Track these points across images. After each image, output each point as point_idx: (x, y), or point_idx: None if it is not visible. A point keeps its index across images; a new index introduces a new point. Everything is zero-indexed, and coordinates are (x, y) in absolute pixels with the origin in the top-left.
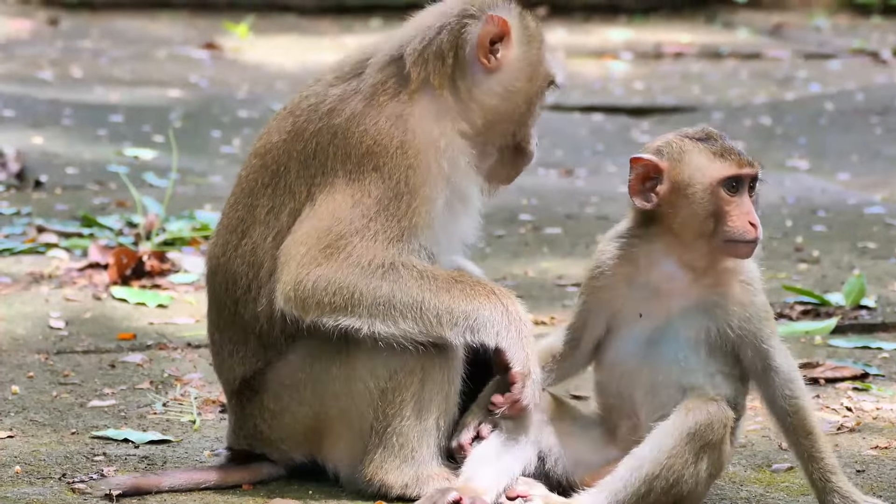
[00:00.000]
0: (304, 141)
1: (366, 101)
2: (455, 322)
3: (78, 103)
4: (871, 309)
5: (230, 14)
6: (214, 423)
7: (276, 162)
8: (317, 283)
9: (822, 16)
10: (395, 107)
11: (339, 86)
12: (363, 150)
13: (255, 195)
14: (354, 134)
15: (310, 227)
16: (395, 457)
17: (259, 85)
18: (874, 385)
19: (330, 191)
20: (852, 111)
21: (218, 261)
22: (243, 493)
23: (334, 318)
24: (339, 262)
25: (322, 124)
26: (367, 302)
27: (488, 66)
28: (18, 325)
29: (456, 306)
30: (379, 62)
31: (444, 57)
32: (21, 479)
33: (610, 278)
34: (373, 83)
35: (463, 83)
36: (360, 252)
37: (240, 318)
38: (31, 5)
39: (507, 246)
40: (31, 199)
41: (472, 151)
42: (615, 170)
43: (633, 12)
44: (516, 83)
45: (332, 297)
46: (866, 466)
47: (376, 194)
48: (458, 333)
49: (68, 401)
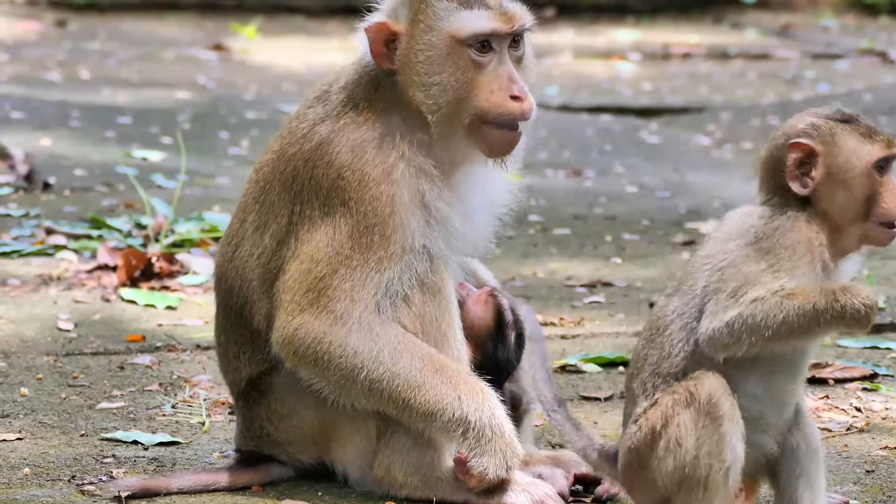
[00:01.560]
0: (285, 162)
1: (331, 126)
2: (424, 414)
3: (86, 105)
4: (880, 309)
5: (238, 15)
6: (223, 424)
7: (264, 179)
8: (296, 333)
9: (829, 16)
10: (355, 135)
11: (315, 107)
12: (330, 184)
13: (247, 210)
14: (321, 165)
15: (294, 271)
16: (404, 460)
17: (267, 86)
18: (883, 385)
19: (309, 227)
20: (860, 111)
21: (220, 268)
22: (253, 494)
23: (315, 375)
24: (318, 312)
25: (298, 148)
26: (334, 363)
27: (394, 67)
28: (27, 327)
29: (426, 396)
30: (340, 86)
31: (369, 75)
32: (30, 481)
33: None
34: (336, 111)
35: (393, 94)
36: (338, 296)
37: (245, 321)
38: (39, 7)
39: (515, 246)
40: (39, 201)
41: (443, 152)
42: (623, 170)
43: (640, 13)
44: (428, 71)
45: (307, 350)
46: (876, 467)
47: (347, 229)
48: (426, 426)
49: (77, 403)
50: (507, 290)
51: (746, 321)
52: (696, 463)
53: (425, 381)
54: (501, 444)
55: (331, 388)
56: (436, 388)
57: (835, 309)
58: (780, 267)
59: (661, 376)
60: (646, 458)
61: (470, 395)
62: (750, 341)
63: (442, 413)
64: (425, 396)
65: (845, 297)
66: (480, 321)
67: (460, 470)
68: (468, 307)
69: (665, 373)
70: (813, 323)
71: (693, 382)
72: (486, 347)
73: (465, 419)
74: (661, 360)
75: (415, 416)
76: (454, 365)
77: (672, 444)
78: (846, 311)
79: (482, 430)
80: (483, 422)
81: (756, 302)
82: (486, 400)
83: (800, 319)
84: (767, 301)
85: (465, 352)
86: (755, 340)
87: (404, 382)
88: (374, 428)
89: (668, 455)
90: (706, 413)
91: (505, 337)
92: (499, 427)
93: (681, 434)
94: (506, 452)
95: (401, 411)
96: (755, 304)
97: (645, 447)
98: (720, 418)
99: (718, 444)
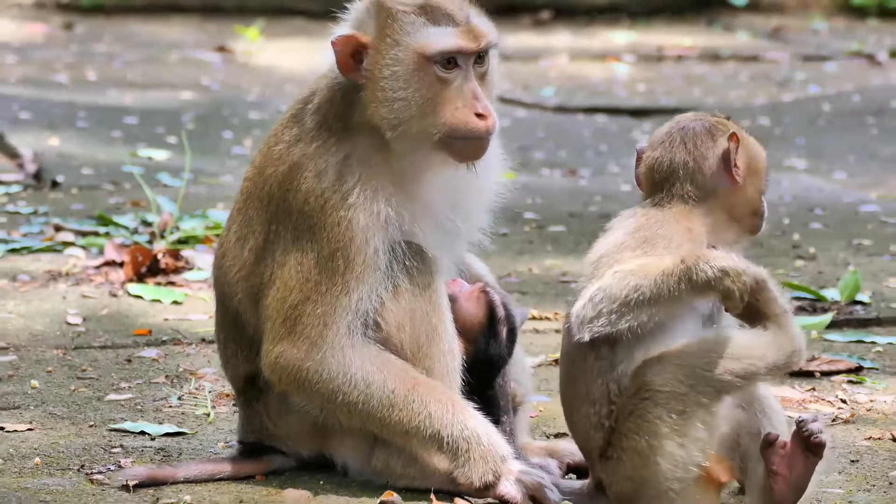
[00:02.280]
0: (263, 181)
1: (302, 151)
2: (401, 433)
3: (93, 106)
4: (865, 304)
5: (241, 18)
6: (228, 415)
7: (246, 191)
8: (278, 360)
9: (819, 19)
10: (321, 160)
11: (291, 128)
12: (298, 209)
13: (232, 218)
14: (292, 189)
15: (271, 298)
16: (400, 452)
17: (269, 87)
18: (868, 378)
19: (282, 250)
20: (849, 112)
21: (215, 270)
22: (256, 483)
23: (293, 397)
24: (295, 340)
25: (273, 170)
26: (314, 388)
27: (361, 79)
28: (37, 322)
29: (400, 416)
30: (315, 106)
31: (342, 92)
32: (41, 471)
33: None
34: (310, 133)
35: (356, 114)
36: (311, 322)
37: (239, 325)
38: (47, 10)
39: (511, 244)
40: (48, 199)
41: (408, 164)
42: (618, 170)
43: (635, 16)
44: (393, 86)
45: (289, 377)
46: (860, 457)
47: (314, 255)
48: (406, 444)
49: (86, 395)
50: (503, 286)
51: (605, 291)
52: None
53: (396, 401)
54: (480, 451)
55: (317, 411)
56: (407, 408)
57: (681, 270)
58: (654, 253)
59: (599, 403)
60: (650, 469)
61: (440, 411)
62: (609, 312)
63: (416, 431)
64: (399, 416)
65: (695, 261)
66: (473, 317)
67: (451, 484)
68: (461, 304)
69: (601, 397)
70: (663, 287)
71: (641, 389)
72: (478, 343)
73: (438, 435)
74: (590, 386)
75: (394, 435)
76: (426, 380)
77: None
78: (693, 274)
79: (456, 444)
80: (455, 435)
81: (615, 274)
82: (457, 413)
83: (651, 284)
84: (624, 271)
85: (457, 346)
86: (614, 310)
87: (378, 403)
88: None
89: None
90: (677, 394)
91: (497, 333)
92: (473, 437)
93: (674, 431)
94: (486, 458)
95: (381, 430)
96: (613, 276)
97: (641, 465)
98: (676, 356)
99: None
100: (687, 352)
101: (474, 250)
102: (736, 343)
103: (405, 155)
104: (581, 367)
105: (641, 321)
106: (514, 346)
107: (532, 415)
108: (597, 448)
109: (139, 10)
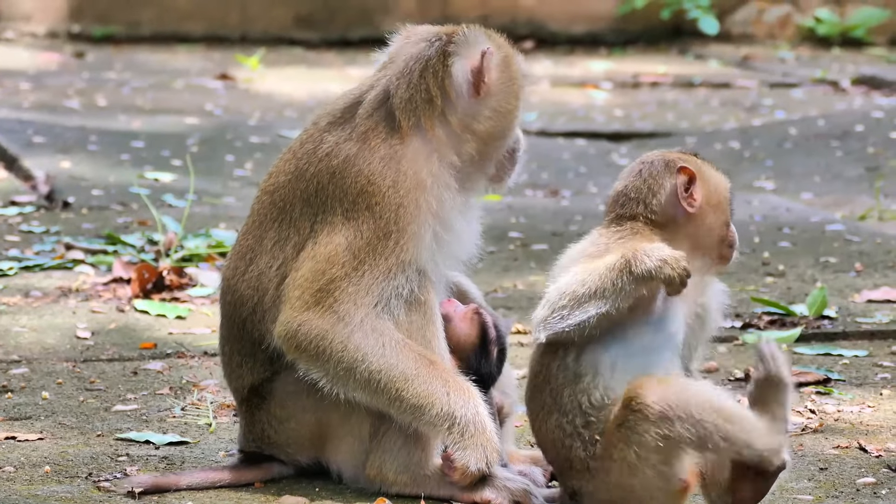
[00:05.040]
0: (305, 181)
1: (359, 145)
2: (415, 407)
3: (103, 130)
4: (832, 319)
5: (242, 47)
6: (229, 425)
7: (283, 200)
8: (300, 328)
9: (786, 48)
10: (388, 149)
11: (333, 132)
12: (358, 189)
13: (264, 228)
14: (350, 174)
15: (307, 270)
16: (394, 459)
17: (269, 113)
18: (836, 389)
19: (329, 231)
20: (814, 136)
21: (229, 282)
22: (255, 490)
23: (306, 365)
24: (322, 311)
25: (321, 166)
26: (335, 358)
27: (479, 97)
28: (48, 336)
29: (418, 390)
30: (368, 108)
31: (431, 99)
32: (50, 478)
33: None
34: (364, 130)
35: (454, 117)
36: (343, 298)
37: (247, 333)
38: (59, 40)
39: (497, 261)
40: (59, 219)
41: (463, 179)
42: (597, 190)
43: (612, 45)
44: (505, 104)
45: (309, 345)
46: (829, 465)
47: (367, 235)
48: (414, 420)
49: (94, 405)
50: (489, 302)
51: (557, 290)
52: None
53: (419, 374)
54: (483, 439)
55: (328, 380)
56: (427, 384)
57: (622, 263)
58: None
59: (570, 413)
60: (639, 478)
61: (457, 393)
62: (560, 307)
63: (431, 407)
64: (417, 390)
65: (635, 253)
66: (466, 337)
67: (445, 465)
68: (455, 324)
69: (572, 408)
70: (607, 280)
71: (633, 401)
72: (470, 361)
73: (452, 414)
74: (556, 397)
75: (405, 410)
76: (444, 364)
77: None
78: (633, 266)
79: (466, 426)
80: (468, 418)
81: (566, 274)
82: (472, 398)
83: (596, 278)
84: (573, 270)
85: (447, 357)
86: (564, 304)
87: (400, 375)
88: (367, 430)
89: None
90: (668, 408)
91: (489, 352)
92: (481, 424)
93: (669, 437)
94: (486, 448)
95: (392, 403)
96: (565, 276)
97: (629, 474)
98: (675, 392)
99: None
100: (689, 385)
101: (462, 269)
102: (735, 407)
103: (472, 171)
104: (545, 377)
105: (591, 316)
106: (503, 365)
107: (517, 424)
108: (576, 458)
109: (147, 40)
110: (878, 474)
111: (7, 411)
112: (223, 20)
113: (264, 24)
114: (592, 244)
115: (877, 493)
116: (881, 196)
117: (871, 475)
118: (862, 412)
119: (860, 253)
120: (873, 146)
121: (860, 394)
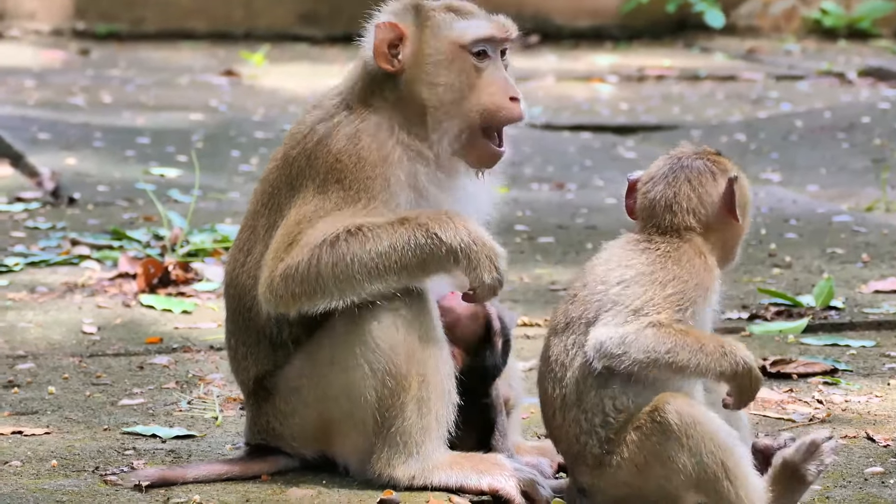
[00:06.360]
0: (289, 165)
1: (327, 124)
2: (419, 266)
3: (107, 127)
4: (839, 309)
5: (247, 44)
6: (235, 419)
7: (271, 185)
8: (283, 275)
9: (792, 41)
10: (349, 127)
11: (312, 113)
12: (327, 167)
13: (257, 216)
14: (321, 153)
15: (278, 235)
16: (400, 453)
17: (274, 108)
18: (843, 380)
19: (301, 202)
20: (820, 128)
21: (230, 276)
22: (261, 483)
23: (310, 304)
24: (298, 250)
25: (300, 148)
26: (327, 274)
27: (394, 69)
28: (54, 331)
29: (414, 251)
30: (336, 93)
31: (364, 77)
32: (57, 472)
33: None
34: (330, 113)
35: (392, 93)
36: (314, 234)
37: (252, 323)
38: (64, 37)
39: None
40: (65, 215)
41: (440, 155)
42: (602, 184)
43: (617, 39)
44: (435, 72)
45: (300, 285)
46: (836, 454)
47: (336, 200)
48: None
49: (100, 400)
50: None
51: (639, 340)
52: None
53: (400, 238)
54: (486, 251)
55: (332, 292)
56: (415, 241)
57: (717, 357)
58: (684, 297)
59: (591, 412)
60: (647, 481)
61: (442, 227)
62: (634, 361)
63: (430, 256)
64: (410, 252)
65: (733, 349)
66: (471, 329)
67: (464, 297)
68: (460, 318)
69: (593, 407)
70: (694, 361)
71: (657, 411)
72: (475, 354)
73: (452, 247)
74: (581, 394)
75: (411, 275)
76: (412, 213)
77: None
78: (725, 362)
79: (469, 248)
80: (466, 241)
81: (654, 327)
82: (455, 222)
83: (687, 356)
84: (665, 330)
85: (448, 352)
86: (640, 360)
87: (389, 248)
88: (371, 427)
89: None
90: (684, 434)
91: (494, 344)
92: (479, 239)
93: (673, 460)
94: (491, 257)
95: (400, 274)
96: (652, 328)
97: (638, 476)
98: (699, 424)
99: (713, 439)
100: (715, 427)
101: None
102: (745, 469)
103: (438, 143)
104: (574, 375)
105: (658, 377)
106: (508, 357)
107: (523, 416)
108: (590, 454)
109: (151, 37)
110: (885, 464)
111: (14, 406)
112: (227, 17)
113: (268, 20)
114: (651, 263)
115: (884, 483)
116: (887, 187)
117: (878, 464)
118: (869, 402)
119: (867, 244)
120: (879, 138)
121: (867, 384)
